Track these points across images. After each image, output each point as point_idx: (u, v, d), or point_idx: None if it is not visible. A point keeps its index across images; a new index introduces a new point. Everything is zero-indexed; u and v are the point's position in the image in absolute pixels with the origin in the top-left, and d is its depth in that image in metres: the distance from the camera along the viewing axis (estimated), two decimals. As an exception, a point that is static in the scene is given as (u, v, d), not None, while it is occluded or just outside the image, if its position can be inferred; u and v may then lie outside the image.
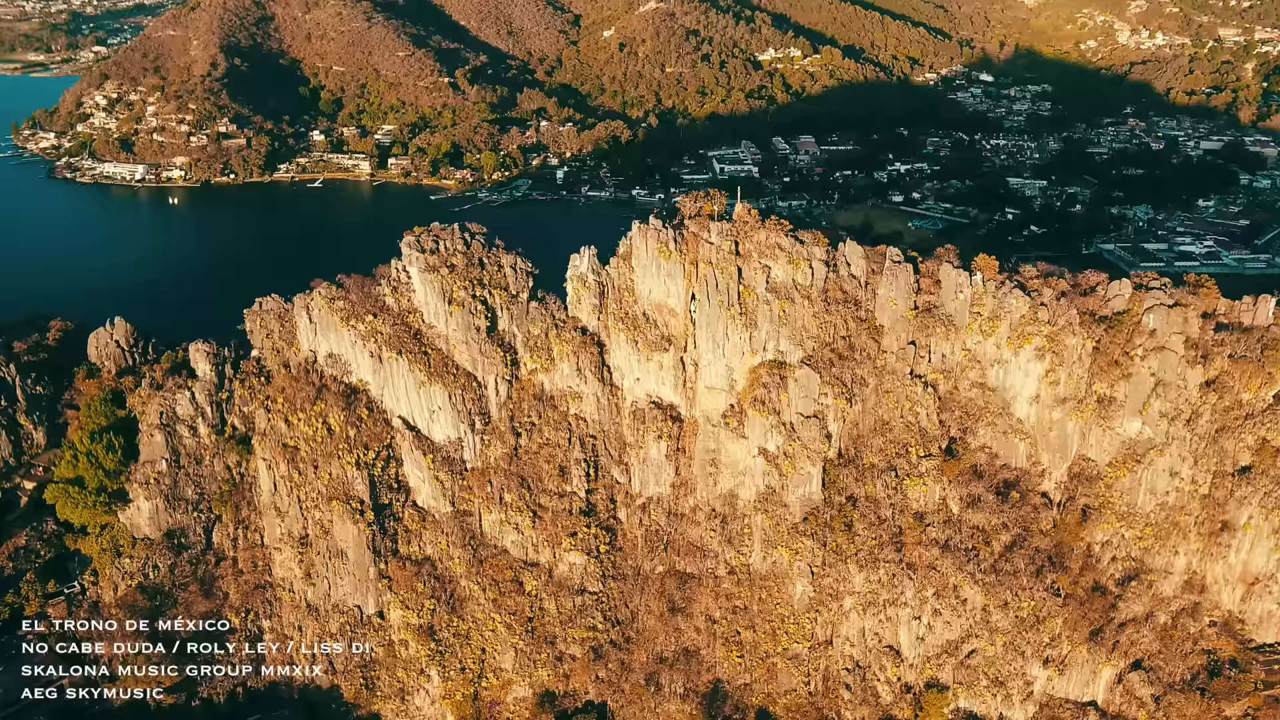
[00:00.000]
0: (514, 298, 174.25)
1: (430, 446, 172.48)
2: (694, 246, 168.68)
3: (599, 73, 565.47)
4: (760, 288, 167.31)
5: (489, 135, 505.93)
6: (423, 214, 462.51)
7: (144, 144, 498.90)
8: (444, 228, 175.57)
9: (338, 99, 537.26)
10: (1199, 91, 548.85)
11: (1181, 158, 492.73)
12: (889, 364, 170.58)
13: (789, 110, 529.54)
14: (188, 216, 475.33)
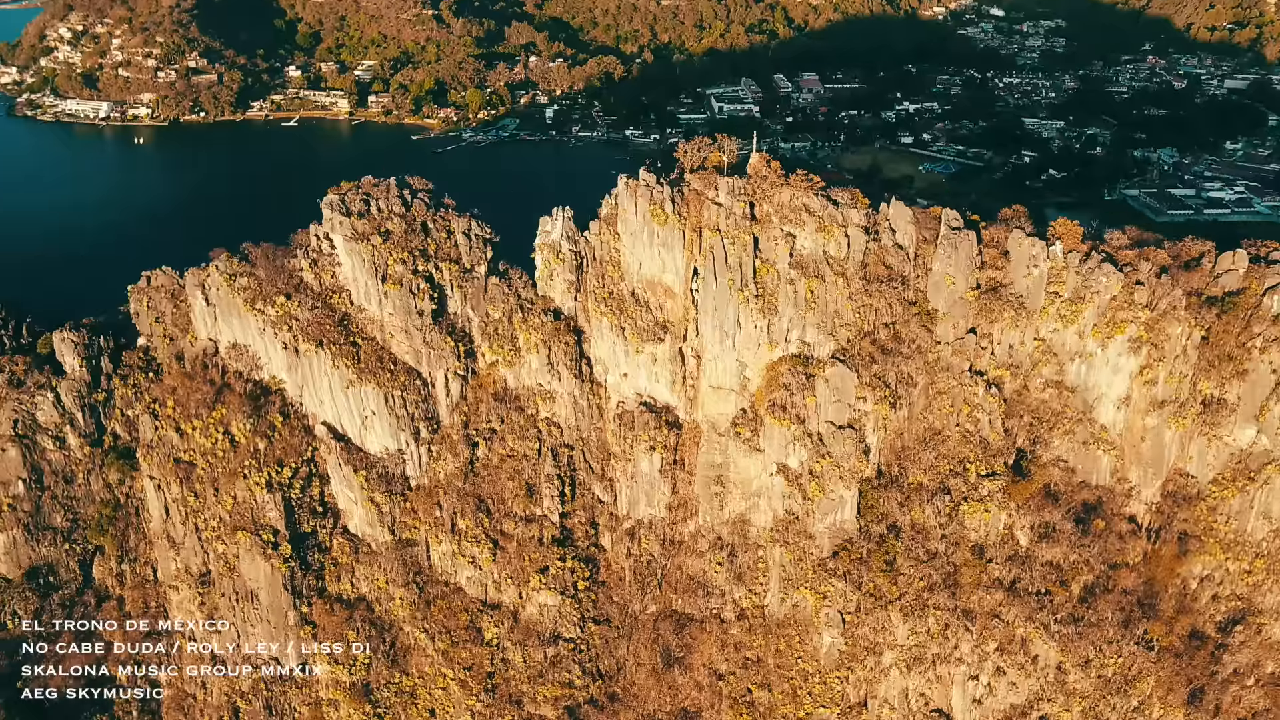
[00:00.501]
0: (468, 272, 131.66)
1: (363, 460, 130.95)
2: (697, 208, 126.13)
3: (591, 5, 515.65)
4: (782, 262, 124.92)
5: (475, 71, 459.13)
6: (403, 155, 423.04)
7: (109, 80, 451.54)
8: (377, 183, 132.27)
9: (315, 32, 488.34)
10: (1220, 27, 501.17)
11: (1205, 97, 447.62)
12: (943, 358, 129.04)
13: (791, 45, 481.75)
14: (154, 156, 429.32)
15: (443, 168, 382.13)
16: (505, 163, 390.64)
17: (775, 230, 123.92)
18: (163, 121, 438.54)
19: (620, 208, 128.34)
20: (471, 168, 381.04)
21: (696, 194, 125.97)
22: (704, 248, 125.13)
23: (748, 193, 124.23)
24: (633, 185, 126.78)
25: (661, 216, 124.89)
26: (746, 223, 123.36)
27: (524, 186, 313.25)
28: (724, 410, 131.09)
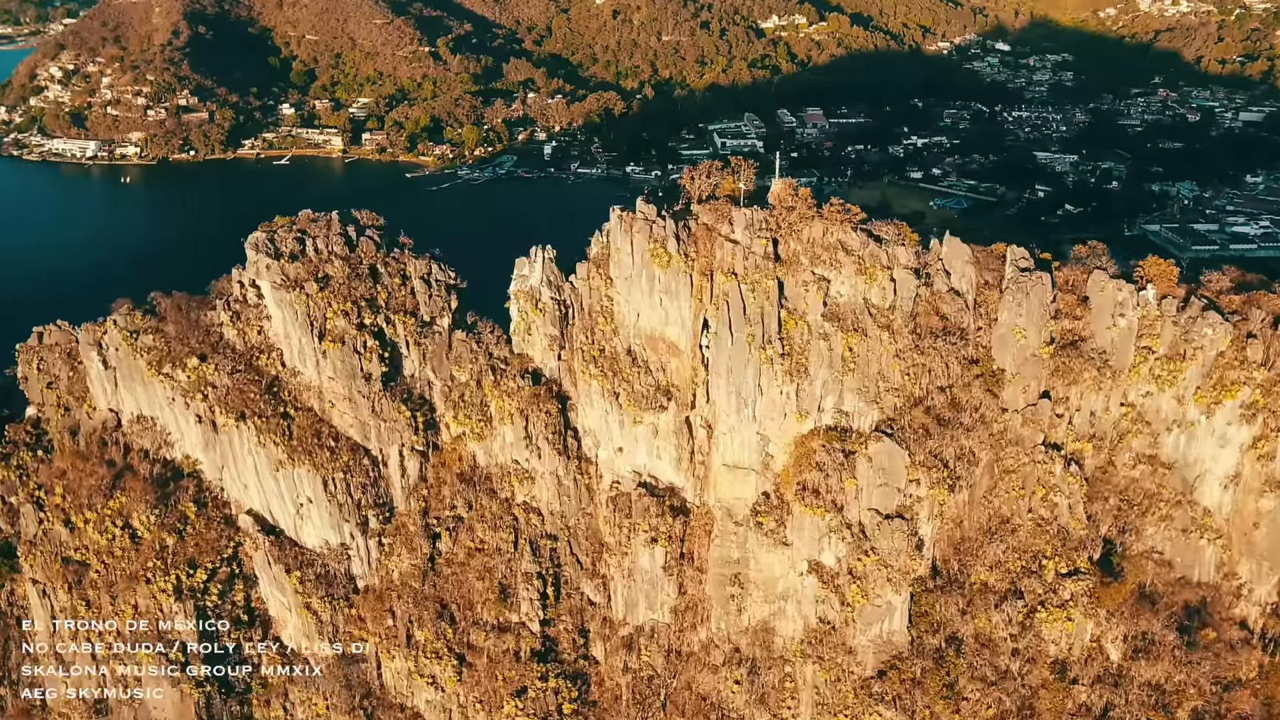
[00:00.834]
0: (427, 326, 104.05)
1: (298, 557, 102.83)
2: (707, 247, 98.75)
3: (591, 41, 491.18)
4: (813, 313, 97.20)
5: (471, 108, 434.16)
6: (396, 193, 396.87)
7: (97, 118, 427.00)
8: (316, 218, 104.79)
9: (310, 70, 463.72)
10: (1231, 60, 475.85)
11: (1221, 130, 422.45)
12: (1011, 429, 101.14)
13: (794, 81, 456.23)
14: (142, 195, 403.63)
15: (436, 205, 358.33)
16: (500, 200, 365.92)
17: (805, 273, 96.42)
18: (151, 160, 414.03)
19: (613, 247, 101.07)
20: (465, 205, 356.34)
21: (707, 230, 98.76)
22: (716, 295, 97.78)
23: (770, 227, 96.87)
24: (628, 219, 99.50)
25: (663, 257, 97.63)
26: (769, 264, 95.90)
27: (517, 225, 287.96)
28: (742, 494, 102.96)
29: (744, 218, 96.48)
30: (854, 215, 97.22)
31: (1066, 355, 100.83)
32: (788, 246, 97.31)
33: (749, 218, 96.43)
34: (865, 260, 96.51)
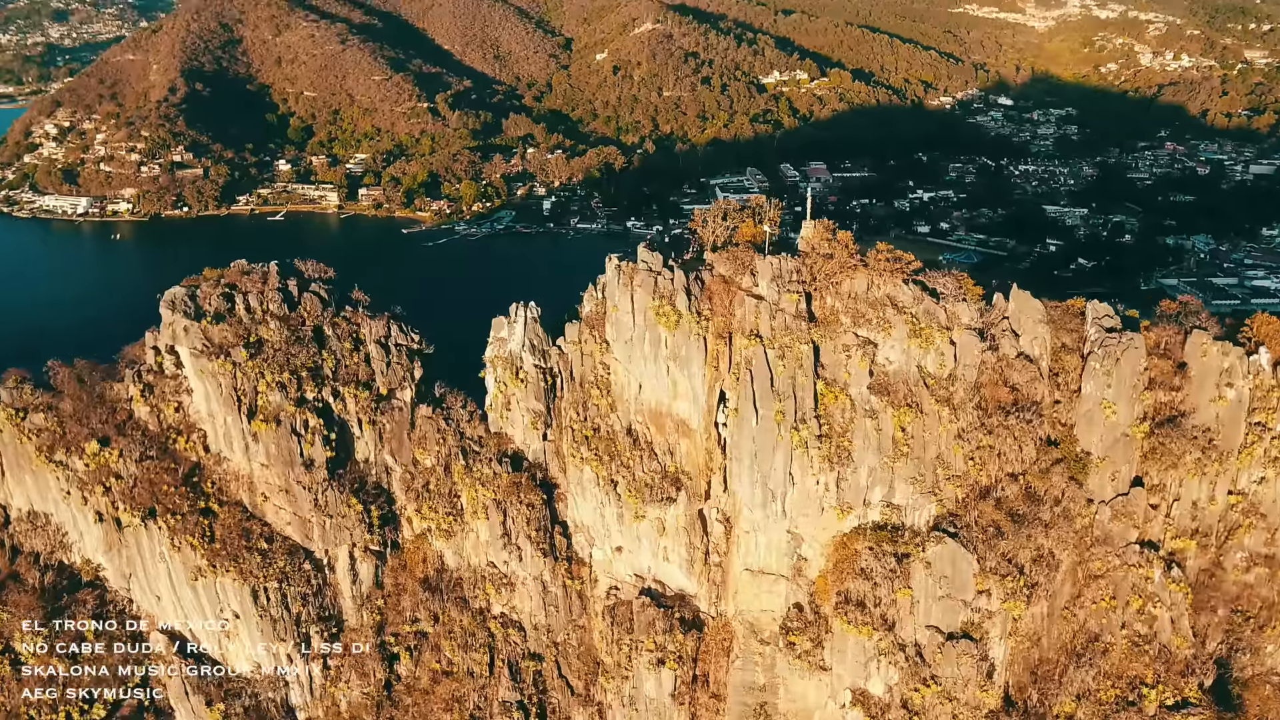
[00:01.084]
0: (385, 400, 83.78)
1: (224, 686, 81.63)
2: (724, 303, 78.62)
3: (591, 97, 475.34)
4: (858, 385, 76.74)
5: (470, 163, 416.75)
6: (392, 248, 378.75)
7: (89, 175, 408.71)
8: (251, 270, 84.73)
9: (308, 126, 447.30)
10: (1237, 114, 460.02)
11: (1232, 183, 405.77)
12: (1100, 525, 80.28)
13: (797, 135, 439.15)
14: (133, 252, 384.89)
15: (431, 261, 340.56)
16: (497, 255, 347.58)
17: (846, 336, 76.30)
18: (143, 217, 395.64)
19: (610, 304, 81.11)
20: (460, 261, 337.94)
21: (723, 282, 78.81)
22: (736, 362, 77.61)
23: (803, 279, 76.88)
24: (627, 270, 79.58)
25: (671, 316, 77.57)
26: (802, 325, 75.81)
27: (513, 280, 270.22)
28: (768, 606, 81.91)
29: (770, 268, 76.46)
30: (906, 264, 77.19)
31: (1163, 434, 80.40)
32: (824, 303, 77.24)
33: (776, 267, 76.41)
34: (920, 319, 76.38)
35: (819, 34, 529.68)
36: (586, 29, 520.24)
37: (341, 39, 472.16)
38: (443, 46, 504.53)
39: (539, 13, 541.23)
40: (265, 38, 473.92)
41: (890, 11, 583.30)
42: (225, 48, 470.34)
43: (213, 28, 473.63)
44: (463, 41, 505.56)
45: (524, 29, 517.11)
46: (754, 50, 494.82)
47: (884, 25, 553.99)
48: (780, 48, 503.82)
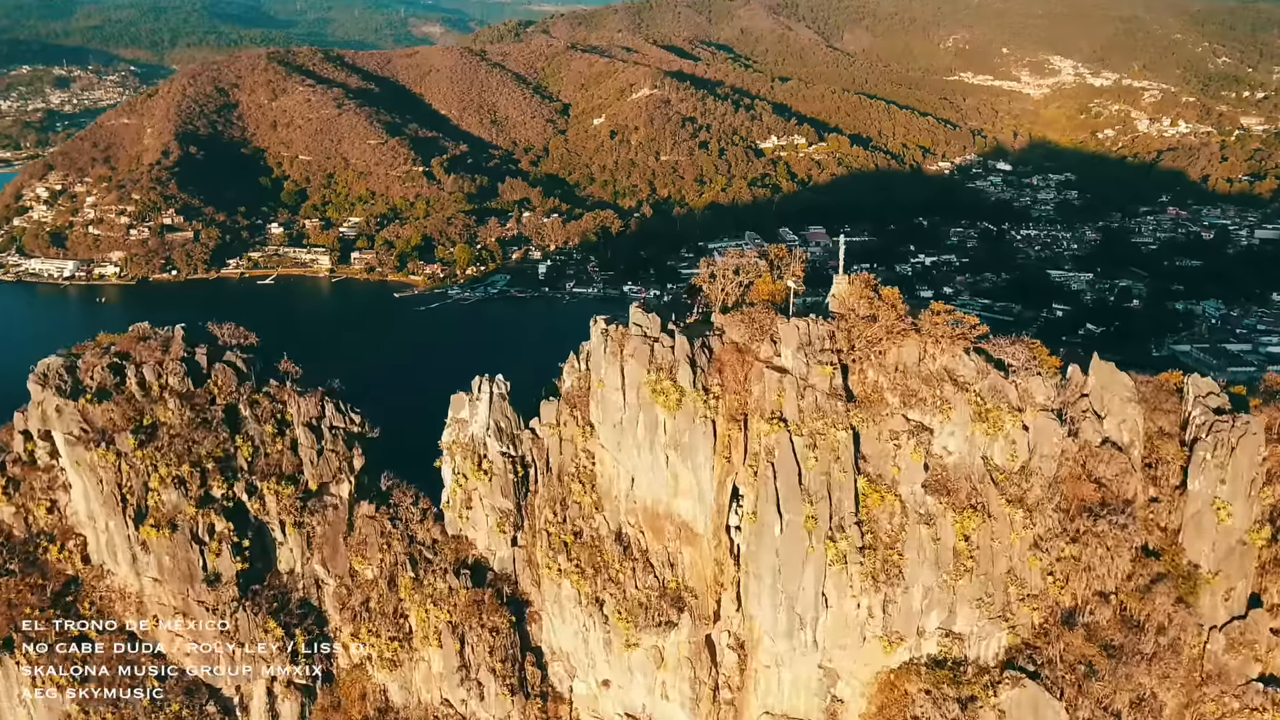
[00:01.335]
0: (314, 498, 65.97)
1: None
2: (737, 377, 61.14)
3: (588, 161, 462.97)
4: (909, 483, 59.02)
5: (465, 227, 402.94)
6: (383, 312, 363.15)
7: (77, 237, 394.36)
8: (150, 337, 67.50)
9: (301, 190, 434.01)
10: (1238, 179, 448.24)
11: (1239, 247, 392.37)
12: (1212, 657, 62.01)
13: (795, 199, 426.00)
14: (117, 317, 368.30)
15: (421, 326, 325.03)
16: (490, 320, 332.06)
17: (894, 420, 58.89)
18: (130, 280, 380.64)
19: (595, 377, 63.82)
20: (450, 326, 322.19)
21: (737, 351, 61.63)
22: (755, 452, 60.12)
23: (837, 348, 59.80)
24: (618, 336, 62.39)
25: (671, 393, 60.24)
26: (838, 405, 58.47)
27: (504, 346, 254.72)
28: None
29: (796, 333, 59.26)
30: (969, 329, 60.01)
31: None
32: (865, 377, 59.94)
33: (804, 333, 59.19)
34: (985, 399, 59.01)
35: (816, 100, 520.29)
36: (584, 94, 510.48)
37: (338, 103, 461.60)
38: (439, 111, 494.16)
39: (537, 79, 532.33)
40: (261, 102, 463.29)
41: (885, 79, 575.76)
42: (221, 112, 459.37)
43: (209, 92, 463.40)
44: (460, 107, 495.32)
45: (521, 94, 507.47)
46: (751, 115, 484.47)
47: (880, 92, 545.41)
48: (778, 113, 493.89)
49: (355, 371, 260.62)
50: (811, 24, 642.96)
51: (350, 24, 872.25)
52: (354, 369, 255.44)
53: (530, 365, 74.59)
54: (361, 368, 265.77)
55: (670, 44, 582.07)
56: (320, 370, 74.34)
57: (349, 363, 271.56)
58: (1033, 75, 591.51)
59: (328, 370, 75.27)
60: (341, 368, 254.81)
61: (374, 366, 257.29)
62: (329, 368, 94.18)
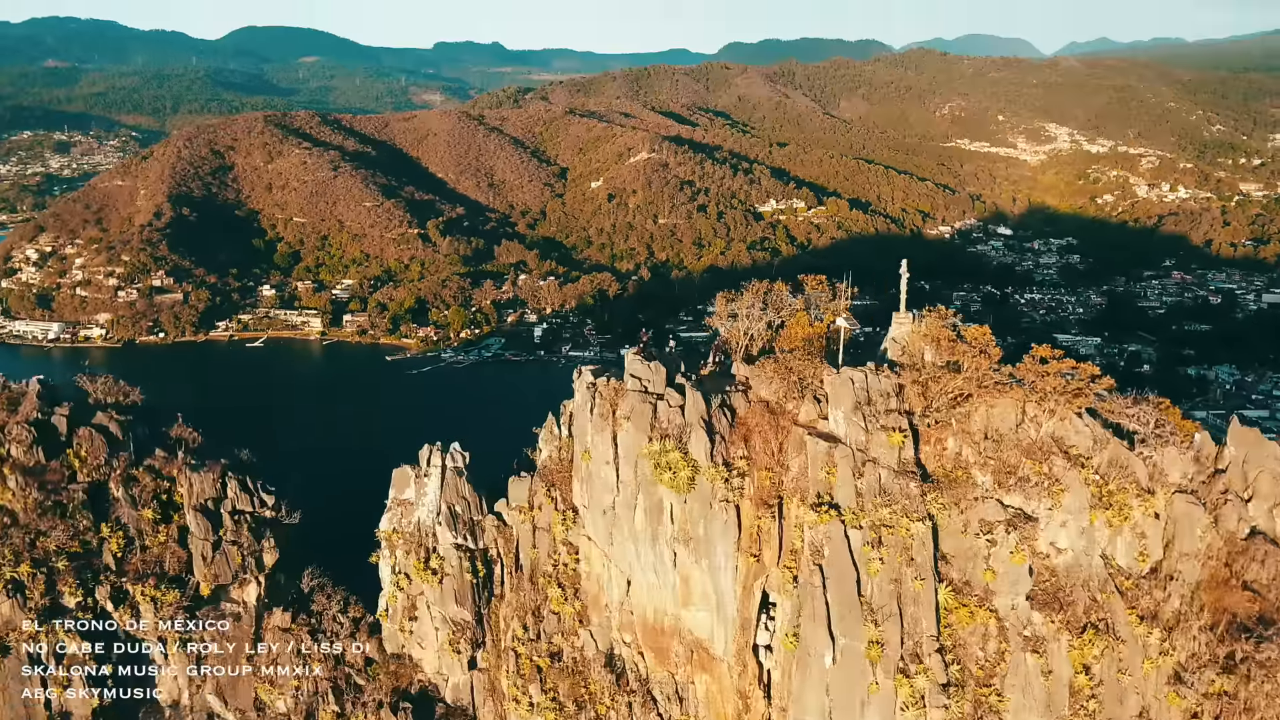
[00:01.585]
0: (208, 605, 49.08)
1: None
2: (771, 446, 44.34)
3: (586, 224, 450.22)
4: (1009, 593, 42.15)
5: (460, 289, 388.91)
6: (373, 376, 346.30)
7: (64, 299, 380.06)
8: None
9: (295, 251, 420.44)
10: (1242, 244, 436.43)
11: (1247, 312, 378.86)
12: None
13: (795, 263, 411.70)
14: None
15: (411, 389, 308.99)
16: (484, 384, 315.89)
17: (985, 507, 42.26)
18: (116, 342, 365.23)
19: (580, 447, 47.26)
20: (441, 389, 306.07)
21: (769, 413, 45.20)
22: (793, 549, 43.47)
23: (906, 408, 43.49)
24: (609, 392, 45.98)
25: (681, 468, 43.71)
26: (910, 487, 41.88)
27: (494, 409, 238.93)
28: None
29: (851, 387, 42.88)
30: (1085, 383, 43.66)
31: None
32: (944, 448, 43.40)
33: (862, 387, 42.80)
34: (1107, 477, 42.51)
35: (814, 165, 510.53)
36: (582, 158, 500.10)
37: (334, 166, 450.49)
38: (436, 175, 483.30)
39: (535, 143, 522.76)
40: (257, 164, 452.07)
41: (883, 145, 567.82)
42: (216, 174, 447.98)
43: (204, 154, 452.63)
44: (457, 170, 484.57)
45: (519, 158, 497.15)
46: (750, 179, 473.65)
47: (878, 158, 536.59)
48: (776, 177, 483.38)
49: (317, 437, 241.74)
50: (808, 92, 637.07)
51: (352, 92, 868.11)
52: (318, 435, 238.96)
53: (519, 430, 58.81)
54: (329, 433, 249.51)
55: (668, 110, 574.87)
56: (265, 437, 59.19)
57: (314, 428, 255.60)
58: (1029, 142, 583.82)
59: (286, 437, 60.41)
60: (301, 434, 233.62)
61: (345, 432, 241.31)
62: (287, 434, 77.94)
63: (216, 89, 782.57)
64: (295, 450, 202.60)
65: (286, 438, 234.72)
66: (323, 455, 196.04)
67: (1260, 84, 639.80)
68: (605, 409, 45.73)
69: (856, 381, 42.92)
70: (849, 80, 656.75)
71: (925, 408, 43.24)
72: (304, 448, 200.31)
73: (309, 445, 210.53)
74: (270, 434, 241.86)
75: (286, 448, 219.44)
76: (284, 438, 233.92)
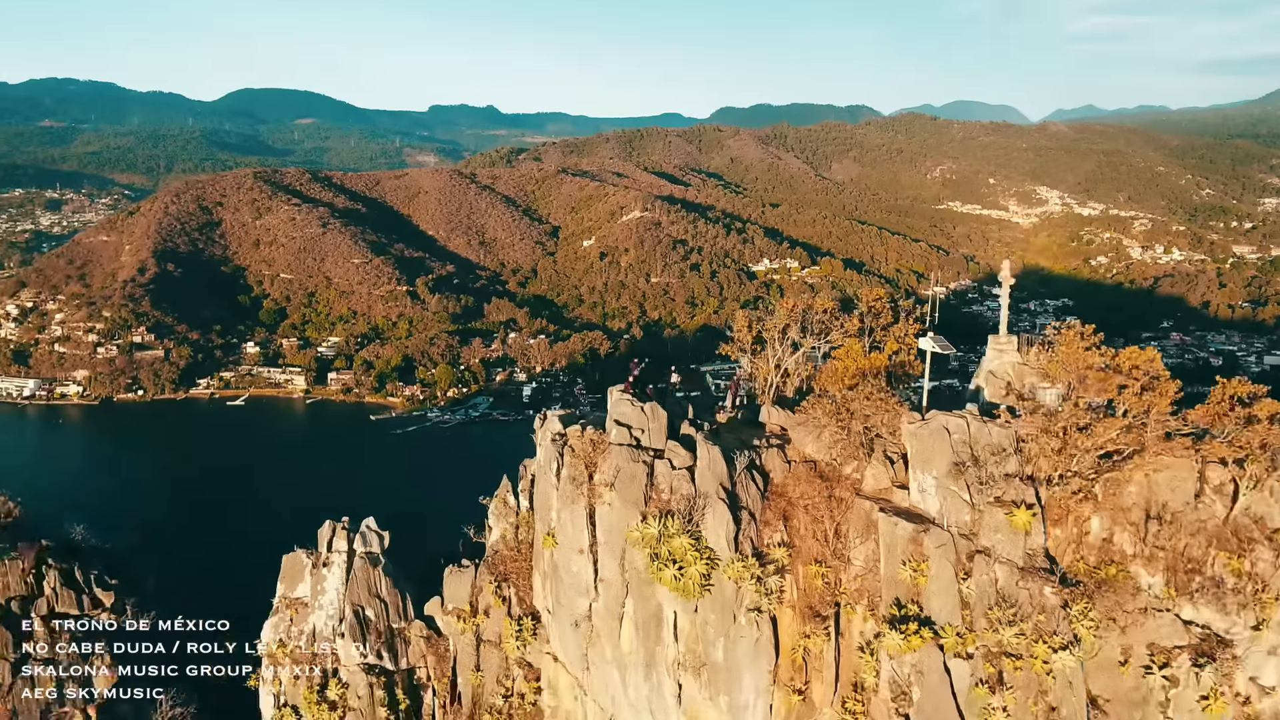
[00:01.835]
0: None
1: None
2: (819, 530, 29.38)
3: (577, 283, 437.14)
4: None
5: (448, 347, 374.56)
6: (356, 435, 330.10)
7: (42, 355, 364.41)
8: None
9: (281, 308, 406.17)
10: (1240, 305, 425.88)
11: (1250, 373, 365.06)
12: None
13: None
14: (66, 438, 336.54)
15: (394, 450, 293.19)
16: (471, 443, 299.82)
17: (1158, 623, 27.51)
18: (93, 400, 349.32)
19: (542, 526, 32.21)
20: (424, 450, 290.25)
21: (817, 479, 30.50)
22: (855, 683, 28.50)
23: (1026, 472, 28.79)
24: (583, 448, 30.99)
25: (690, 566, 28.80)
26: (1044, 593, 27.18)
27: (480, 470, 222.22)
28: None
29: (946, 440, 28.16)
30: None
31: None
32: (1084, 531, 28.49)
33: (961, 440, 28.07)
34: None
35: (807, 225, 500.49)
36: (574, 217, 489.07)
37: (323, 222, 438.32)
38: (427, 232, 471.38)
39: (526, 201, 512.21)
40: (245, 220, 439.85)
41: (875, 206, 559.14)
42: (203, 230, 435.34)
43: (191, 210, 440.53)
44: (448, 228, 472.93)
45: (510, 216, 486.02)
46: (743, 239, 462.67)
47: (870, 219, 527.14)
48: (769, 237, 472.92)
49: (297, 497, 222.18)
50: (800, 154, 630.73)
51: (346, 153, 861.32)
52: (299, 494, 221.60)
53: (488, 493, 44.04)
54: (310, 493, 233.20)
55: (661, 170, 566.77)
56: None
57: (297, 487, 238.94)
58: (1021, 205, 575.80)
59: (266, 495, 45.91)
60: (284, 493, 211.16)
61: (329, 491, 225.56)
62: (267, 492, 62.56)
63: (211, 149, 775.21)
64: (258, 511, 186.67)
65: (266, 496, 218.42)
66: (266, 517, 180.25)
67: (1247, 150, 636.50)
68: (578, 471, 30.69)
69: (955, 431, 27.95)
70: (840, 143, 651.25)
71: (1059, 471, 28.27)
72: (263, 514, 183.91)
73: (270, 513, 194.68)
74: (242, 494, 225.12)
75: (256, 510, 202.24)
76: (261, 498, 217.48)
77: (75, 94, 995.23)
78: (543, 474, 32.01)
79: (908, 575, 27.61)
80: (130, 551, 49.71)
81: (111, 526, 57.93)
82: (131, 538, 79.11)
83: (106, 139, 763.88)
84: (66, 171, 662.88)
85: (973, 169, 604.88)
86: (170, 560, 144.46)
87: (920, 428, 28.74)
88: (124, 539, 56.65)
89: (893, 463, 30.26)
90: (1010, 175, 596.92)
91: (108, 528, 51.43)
